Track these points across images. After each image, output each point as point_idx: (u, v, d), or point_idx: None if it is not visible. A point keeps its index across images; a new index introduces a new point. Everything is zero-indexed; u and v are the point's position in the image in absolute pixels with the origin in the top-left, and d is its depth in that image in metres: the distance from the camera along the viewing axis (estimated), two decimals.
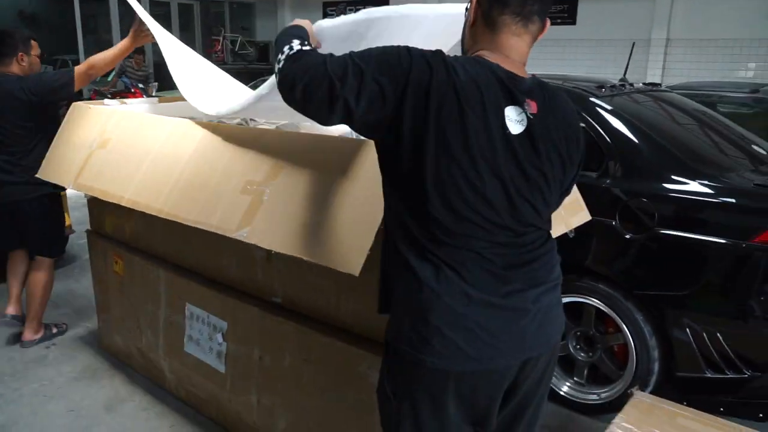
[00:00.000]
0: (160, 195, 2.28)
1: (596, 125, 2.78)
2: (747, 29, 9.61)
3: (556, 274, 1.49)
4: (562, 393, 2.89)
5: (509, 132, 1.31)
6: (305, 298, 2.20)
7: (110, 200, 2.49)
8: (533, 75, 1.42)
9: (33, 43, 3.35)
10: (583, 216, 2.30)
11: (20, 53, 3.21)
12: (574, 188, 2.25)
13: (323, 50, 1.39)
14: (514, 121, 1.32)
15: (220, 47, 14.69)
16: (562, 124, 1.42)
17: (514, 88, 1.33)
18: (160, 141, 2.45)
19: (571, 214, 2.23)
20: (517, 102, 1.33)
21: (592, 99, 2.88)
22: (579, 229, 2.74)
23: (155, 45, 3.49)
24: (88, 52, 13.93)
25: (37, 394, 2.94)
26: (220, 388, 2.56)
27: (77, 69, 3.19)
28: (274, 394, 2.33)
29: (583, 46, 11.05)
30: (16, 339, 3.43)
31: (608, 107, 2.84)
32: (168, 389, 2.92)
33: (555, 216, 1.95)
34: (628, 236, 2.61)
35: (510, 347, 1.38)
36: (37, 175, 2.93)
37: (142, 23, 2.95)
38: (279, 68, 1.37)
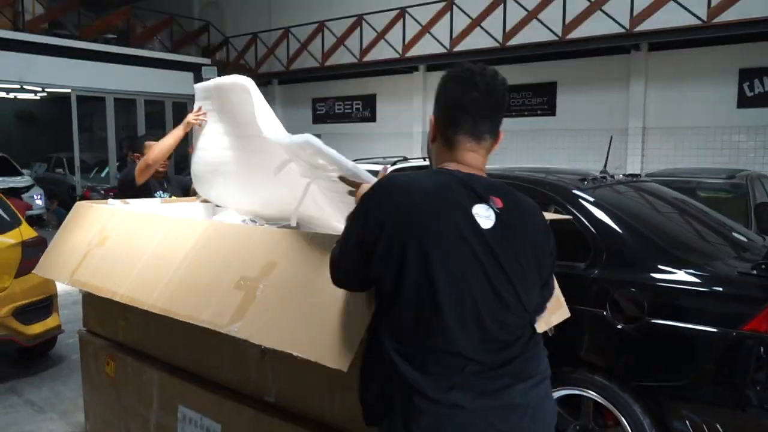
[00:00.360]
0: (154, 291, 2.30)
1: (581, 217, 2.87)
2: (718, 117, 10.09)
3: (544, 367, 1.52)
4: None
5: (480, 228, 1.39)
6: (299, 396, 2.17)
7: (103, 295, 2.50)
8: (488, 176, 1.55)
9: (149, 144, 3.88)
10: (562, 313, 2.31)
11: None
12: (555, 284, 2.30)
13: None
14: (483, 217, 1.41)
15: None
16: (527, 216, 1.51)
17: (476, 187, 1.44)
18: (158, 239, 2.50)
19: (550, 312, 2.24)
20: (482, 199, 1.43)
21: (576, 191, 2.98)
22: (571, 321, 2.77)
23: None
24: (84, 150, 14.27)
25: None
26: None
27: (137, 168, 3.64)
28: None
29: (564, 135, 11.51)
30: None
31: (591, 199, 2.95)
32: None
33: None
34: (619, 326, 2.64)
35: None
36: (34, 272, 2.98)
37: (199, 109, 3.14)
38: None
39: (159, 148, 3.59)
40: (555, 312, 2.25)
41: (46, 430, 3.58)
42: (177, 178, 4.06)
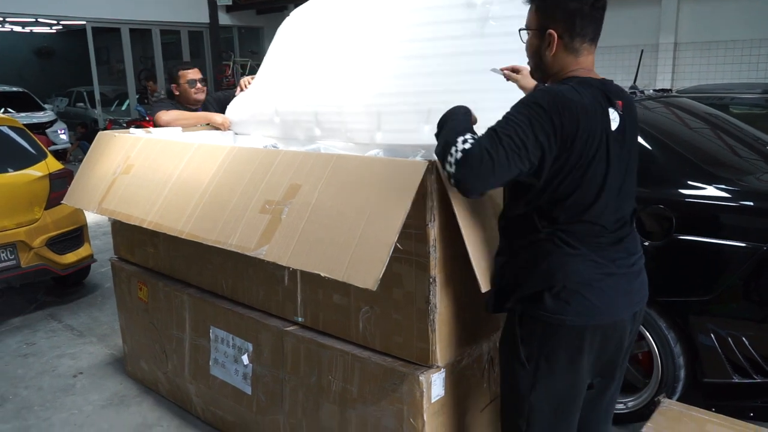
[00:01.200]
0: (182, 217, 2.33)
1: None
2: (754, 30, 9.58)
3: (640, 245, 1.86)
4: None
5: (611, 129, 1.66)
6: (327, 316, 2.22)
7: (132, 223, 2.54)
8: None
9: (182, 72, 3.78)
10: None
11: None
12: None
13: None
14: (613, 120, 1.67)
15: (230, 71, 14.89)
16: (634, 115, 1.79)
17: (609, 93, 1.69)
18: (181, 165, 2.51)
19: None
20: (612, 104, 1.68)
21: None
22: None
23: (169, 72, 3.73)
24: (102, 82, 14.23)
25: (67, 423, 2.98)
26: (246, 410, 2.58)
27: (158, 118, 3.50)
28: (301, 415, 2.35)
29: None
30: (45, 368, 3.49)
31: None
32: (195, 413, 2.95)
33: None
34: (646, 243, 2.61)
35: (626, 302, 1.73)
36: (63, 202, 3.03)
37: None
38: (451, 173, 1.56)
39: (176, 119, 3.48)
40: None
41: (86, 352, 3.74)
42: (216, 97, 3.95)
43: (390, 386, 2.00)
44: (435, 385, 1.95)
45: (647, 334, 2.64)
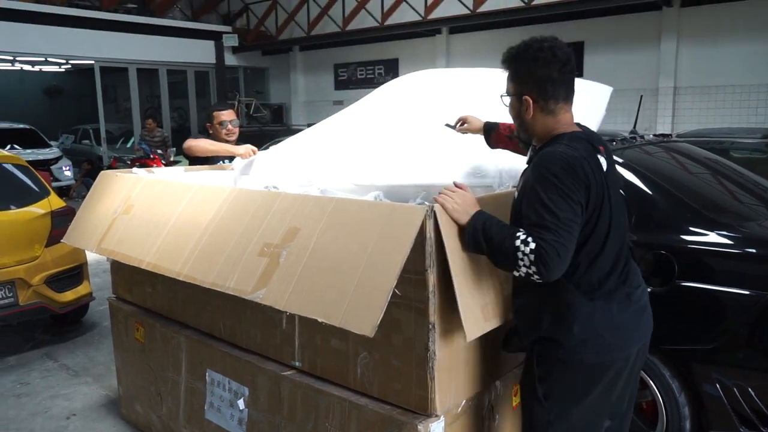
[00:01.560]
0: (180, 258, 2.31)
1: None
2: (753, 75, 9.72)
3: (641, 276, 1.98)
4: None
5: (605, 175, 1.80)
6: (325, 362, 2.19)
7: (131, 264, 2.53)
8: None
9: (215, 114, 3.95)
10: None
11: None
12: None
13: None
14: (603, 164, 1.81)
15: (235, 111, 15.06)
16: (613, 160, 1.91)
17: (593, 142, 1.84)
18: (181, 206, 2.51)
19: None
20: (599, 152, 1.82)
21: None
22: None
23: (175, 111, 3.81)
24: (109, 120, 14.41)
25: None
26: None
27: (188, 142, 3.79)
28: None
29: None
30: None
31: (620, 160, 2.86)
32: None
33: None
34: (648, 290, 2.58)
35: (637, 336, 1.88)
36: (63, 241, 3.05)
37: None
38: (534, 272, 1.69)
39: (203, 148, 3.73)
40: None
41: (81, 393, 3.68)
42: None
43: None
44: None
45: (651, 382, 2.59)
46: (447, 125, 2.52)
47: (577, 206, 1.70)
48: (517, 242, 1.68)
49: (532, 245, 1.66)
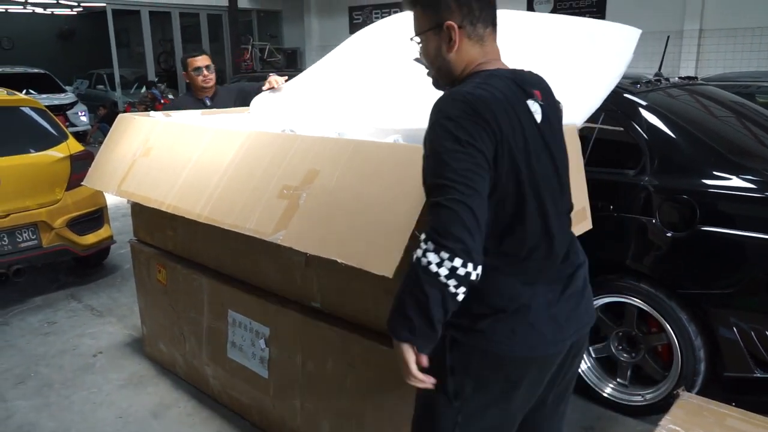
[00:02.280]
0: (200, 200, 2.33)
1: (632, 122, 2.74)
2: None
3: (581, 249, 1.65)
4: (605, 395, 2.85)
5: (537, 123, 1.46)
6: (344, 302, 2.22)
7: (151, 206, 2.55)
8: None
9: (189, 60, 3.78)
10: (585, 225, 2.24)
11: None
12: (586, 195, 2.22)
13: None
14: (535, 112, 1.47)
15: (248, 55, 14.88)
16: (554, 102, 1.59)
17: (522, 83, 1.48)
18: (200, 149, 2.51)
19: (575, 222, 2.18)
20: (529, 95, 1.48)
21: (628, 96, 2.83)
22: (618, 228, 2.71)
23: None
24: (123, 65, 14.29)
25: (86, 401, 3.02)
26: (263, 394, 2.60)
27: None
28: (317, 399, 2.36)
29: None
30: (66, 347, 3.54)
31: (644, 103, 2.80)
32: (212, 395, 2.98)
33: None
34: (669, 234, 2.57)
35: (574, 328, 1.53)
36: (83, 184, 3.08)
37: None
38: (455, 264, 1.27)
39: None
40: (579, 223, 2.19)
41: (106, 332, 3.79)
42: (234, 88, 4.00)
43: None
44: None
45: (668, 326, 2.61)
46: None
47: (479, 155, 1.31)
48: (415, 256, 1.29)
49: (424, 235, 1.29)
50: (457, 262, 1.26)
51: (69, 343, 3.66)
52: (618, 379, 2.86)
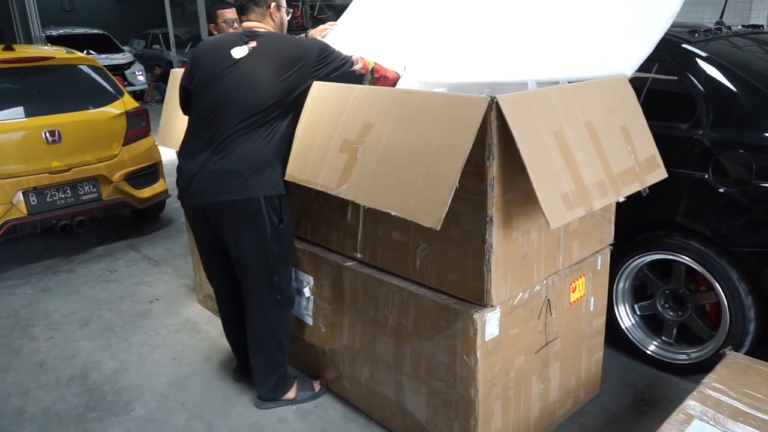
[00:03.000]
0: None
1: (688, 73, 2.62)
2: None
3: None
4: (648, 352, 2.82)
5: (233, 57, 2.27)
6: (385, 253, 2.26)
7: None
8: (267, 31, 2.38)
9: (220, 12, 3.72)
10: (658, 173, 2.19)
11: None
12: (652, 143, 2.17)
13: None
14: (238, 51, 2.27)
15: (299, 12, 14.81)
16: (273, 47, 2.28)
17: (244, 36, 2.32)
18: None
19: (645, 171, 2.13)
20: (243, 42, 2.29)
21: (685, 45, 2.71)
22: (667, 184, 2.63)
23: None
24: (176, 24, 14.50)
25: (144, 344, 3.20)
26: (308, 339, 2.69)
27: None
28: (359, 346, 2.43)
29: None
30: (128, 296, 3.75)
31: (702, 53, 2.67)
32: None
33: (629, 172, 1.92)
34: (722, 190, 2.48)
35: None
36: (157, 144, 3.22)
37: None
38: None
39: None
40: (650, 172, 2.14)
41: (162, 281, 3.98)
42: None
43: (444, 323, 2.03)
44: (489, 323, 1.97)
45: (717, 284, 2.54)
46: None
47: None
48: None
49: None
50: None
51: (128, 290, 3.86)
52: (663, 337, 2.82)
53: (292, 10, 2.65)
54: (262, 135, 2.24)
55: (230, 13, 3.79)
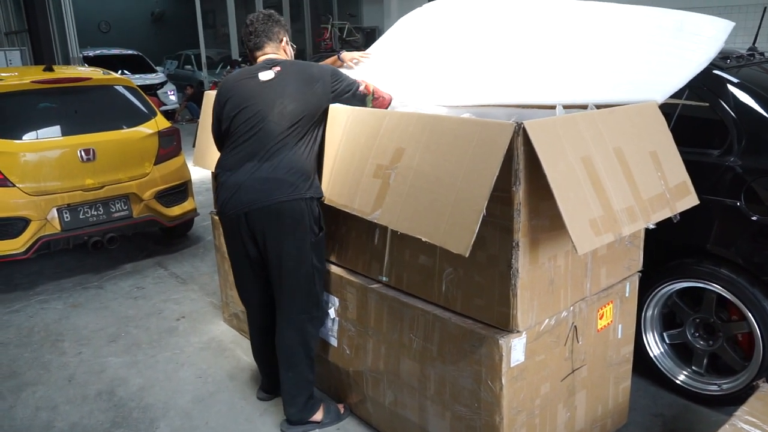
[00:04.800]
0: (325, 182, 2.46)
1: (720, 100, 2.60)
2: None
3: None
4: (678, 382, 2.76)
5: (260, 80, 2.44)
6: (411, 276, 2.26)
7: None
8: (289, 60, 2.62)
9: None
10: (690, 200, 2.17)
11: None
12: (683, 169, 2.15)
13: None
14: (264, 75, 2.44)
15: (328, 35, 15.05)
16: (296, 73, 2.47)
17: (268, 63, 2.50)
18: None
19: (676, 198, 2.11)
20: (267, 68, 2.46)
21: (716, 71, 2.68)
22: (699, 211, 2.59)
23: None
24: (208, 46, 14.81)
25: (169, 361, 3.24)
26: (332, 361, 2.69)
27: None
28: (383, 368, 2.42)
29: (710, 12, 10.21)
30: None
31: (734, 80, 2.64)
32: None
33: (659, 198, 1.91)
34: (754, 218, 2.44)
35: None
36: (194, 164, 3.26)
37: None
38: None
39: None
40: (681, 198, 2.12)
41: (189, 298, 4.03)
42: None
43: (469, 347, 2.02)
44: (515, 349, 1.95)
45: (749, 314, 2.48)
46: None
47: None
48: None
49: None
50: None
51: (155, 307, 3.92)
52: (693, 367, 2.76)
53: (295, 46, 2.81)
54: (303, 145, 2.40)
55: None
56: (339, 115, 2.47)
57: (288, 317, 2.48)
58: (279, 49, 2.59)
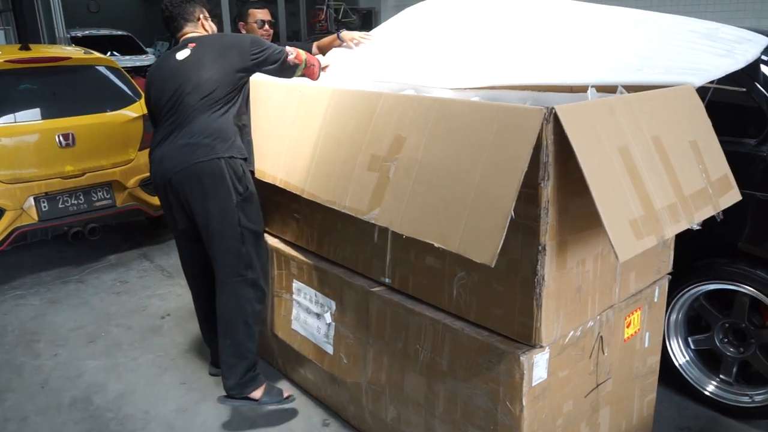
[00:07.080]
0: (302, 174, 2.22)
1: (757, 85, 2.36)
2: None
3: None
4: (705, 393, 2.54)
5: (177, 59, 2.45)
6: (417, 279, 2.02)
7: (266, 180, 2.45)
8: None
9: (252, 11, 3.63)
10: (732, 195, 1.94)
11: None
12: (724, 160, 1.92)
13: None
14: (181, 54, 2.45)
15: (323, 16, 14.68)
16: (211, 47, 2.47)
17: (185, 42, 2.52)
18: (291, 115, 2.35)
19: (719, 193, 1.87)
20: (185, 47, 2.48)
21: None
22: (732, 205, 2.36)
23: None
24: None
25: (152, 364, 3.00)
26: (328, 371, 2.45)
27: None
28: (384, 381, 2.19)
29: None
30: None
31: None
32: (276, 367, 2.88)
33: (702, 194, 1.67)
34: None
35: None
36: None
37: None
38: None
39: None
40: (724, 194, 1.88)
41: (174, 294, 3.78)
42: (297, 45, 3.80)
43: (485, 363, 1.78)
44: (537, 366, 1.72)
45: None
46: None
47: None
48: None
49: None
50: None
51: (139, 303, 3.67)
52: (721, 376, 2.54)
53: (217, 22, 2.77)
54: (219, 109, 2.39)
55: (262, 14, 3.60)
56: (319, 94, 2.22)
57: (222, 281, 2.43)
58: (198, 27, 2.61)
